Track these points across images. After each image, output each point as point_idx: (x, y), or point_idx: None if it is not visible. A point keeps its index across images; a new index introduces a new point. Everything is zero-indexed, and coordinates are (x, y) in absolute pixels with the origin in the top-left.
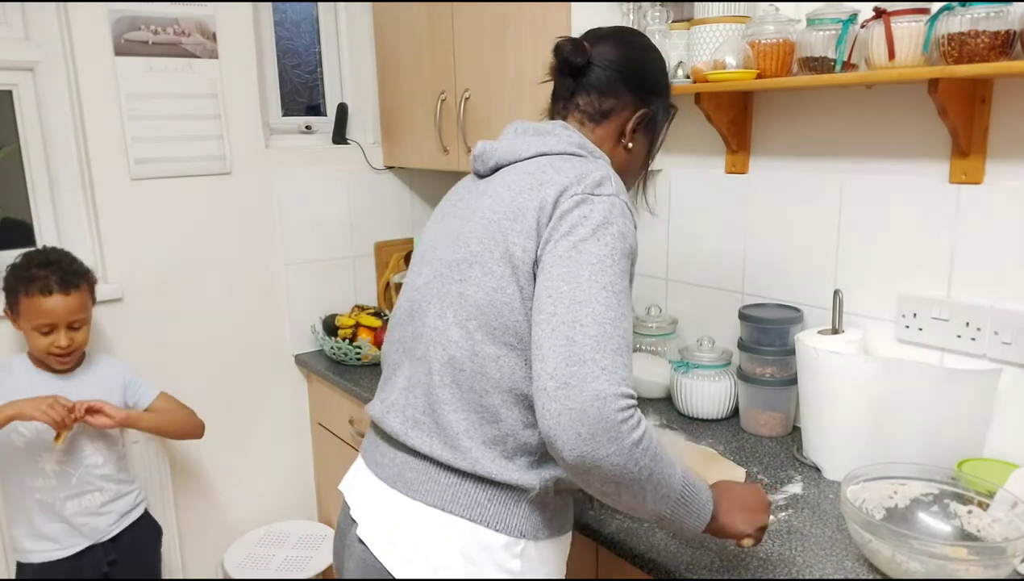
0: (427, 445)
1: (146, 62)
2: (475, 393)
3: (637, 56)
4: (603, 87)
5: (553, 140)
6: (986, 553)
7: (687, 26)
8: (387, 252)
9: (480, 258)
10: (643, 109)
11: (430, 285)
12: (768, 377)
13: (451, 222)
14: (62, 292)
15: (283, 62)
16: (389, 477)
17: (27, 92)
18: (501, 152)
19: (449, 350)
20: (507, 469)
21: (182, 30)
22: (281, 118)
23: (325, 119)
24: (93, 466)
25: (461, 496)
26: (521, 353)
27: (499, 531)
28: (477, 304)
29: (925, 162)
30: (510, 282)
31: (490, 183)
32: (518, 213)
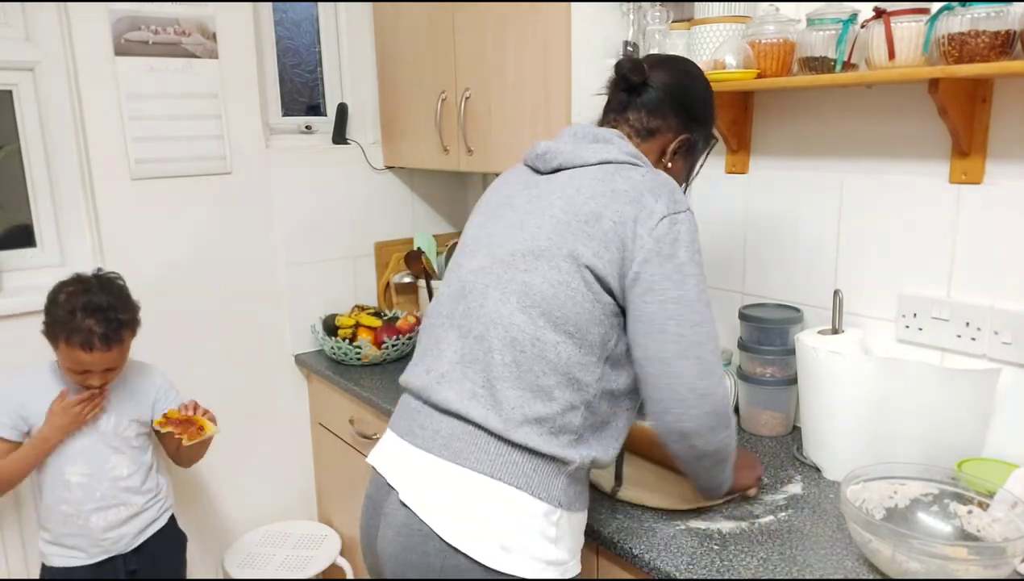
0: (483, 417)
1: (146, 62)
2: (532, 374)
3: (688, 85)
4: (653, 107)
5: (613, 149)
6: (986, 553)
7: (687, 26)
8: (387, 252)
9: (548, 253)
10: (686, 134)
11: (488, 270)
12: (768, 377)
13: (509, 213)
14: (104, 348)
15: (283, 62)
16: (434, 446)
17: (27, 92)
18: (566, 154)
19: (512, 332)
20: (552, 444)
21: (182, 30)
22: (281, 118)
23: (325, 119)
24: (119, 479)
25: (509, 465)
26: (578, 341)
27: (541, 499)
28: (543, 294)
29: (925, 162)
30: (576, 278)
31: (555, 182)
32: (591, 217)
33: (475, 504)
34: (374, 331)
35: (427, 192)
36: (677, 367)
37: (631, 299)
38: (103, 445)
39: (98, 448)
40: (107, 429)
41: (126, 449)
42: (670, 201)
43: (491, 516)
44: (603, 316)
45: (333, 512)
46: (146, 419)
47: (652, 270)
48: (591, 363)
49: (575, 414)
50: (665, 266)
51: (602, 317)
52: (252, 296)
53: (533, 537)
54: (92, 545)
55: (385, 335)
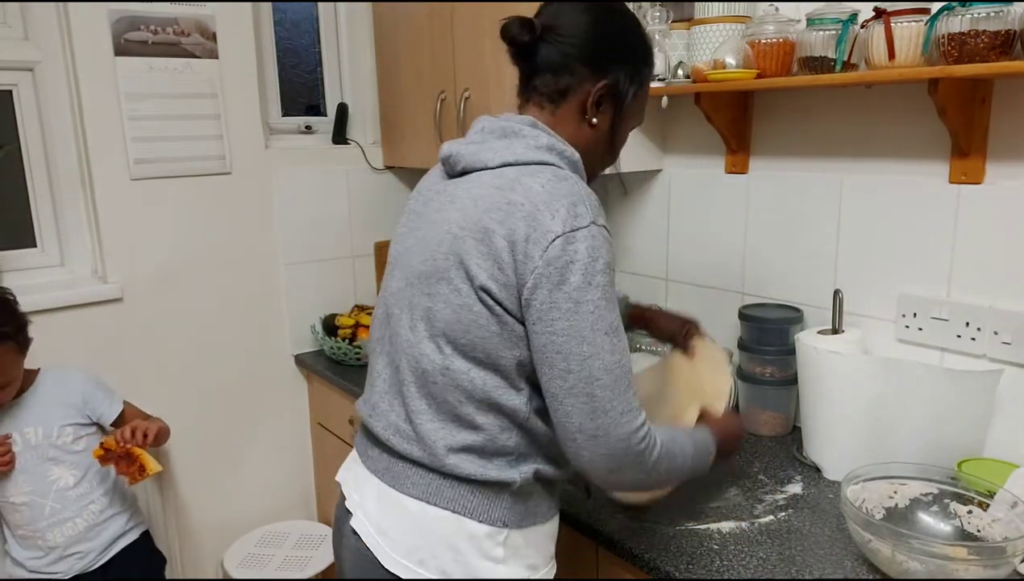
0: (408, 451)
1: (146, 62)
2: (448, 404)
3: (592, 21)
4: (556, 64)
5: (519, 145)
6: (986, 553)
7: (687, 26)
8: (387, 252)
9: (447, 274)
10: (603, 81)
11: (402, 293)
12: (768, 377)
13: (421, 226)
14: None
15: (283, 62)
16: (378, 470)
17: (27, 92)
18: (468, 157)
19: (422, 363)
20: (487, 468)
21: (182, 30)
22: (281, 118)
23: (325, 119)
24: (65, 489)
25: (445, 489)
26: (490, 368)
27: (482, 521)
28: (446, 320)
29: (925, 162)
30: (475, 301)
31: (458, 188)
32: (484, 234)
33: (414, 531)
34: None
35: None
36: (565, 405)
37: (526, 327)
38: (39, 459)
39: (34, 463)
40: (37, 441)
41: (66, 457)
42: (569, 216)
43: (431, 541)
44: (512, 338)
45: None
46: (83, 421)
47: (541, 298)
48: (513, 387)
49: (509, 435)
50: (555, 293)
51: (512, 339)
52: (252, 296)
53: (475, 560)
54: (54, 564)
55: None
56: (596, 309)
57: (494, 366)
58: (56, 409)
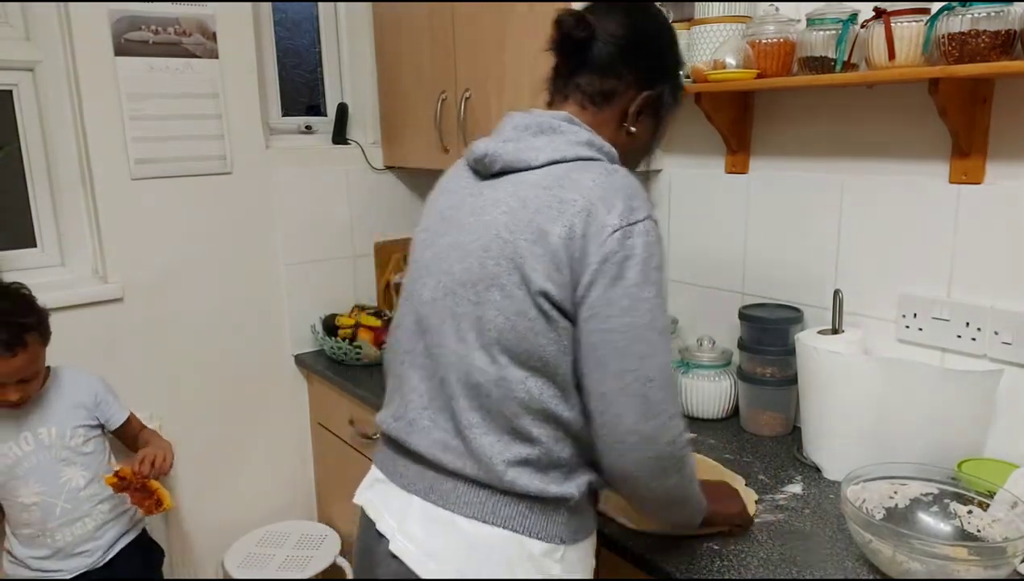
0: (460, 467)
1: (146, 62)
2: (504, 417)
3: (645, 31)
4: (605, 65)
5: (561, 142)
6: (986, 553)
7: (687, 26)
8: (387, 252)
9: (499, 280)
10: (647, 92)
11: (440, 302)
12: (768, 377)
13: (455, 231)
14: (8, 355)
15: (283, 62)
16: (420, 489)
17: (27, 92)
18: (508, 156)
19: (474, 376)
20: (544, 483)
21: (182, 30)
22: (281, 118)
23: (325, 119)
24: (77, 490)
25: (501, 508)
26: (546, 376)
27: (540, 539)
28: (499, 329)
29: (925, 162)
30: (531, 307)
31: (498, 191)
32: (538, 235)
33: (468, 551)
34: (374, 331)
35: (427, 192)
36: (618, 406)
37: (577, 325)
38: (52, 459)
39: (47, 464)
40: (51, 442)
41: (77, 458)
42: (625, 209)
43: (486, 563)
44: (569, 344)
45: (333, 512)
46: (93, 422)
47: (596, 294)
48: (568, 396)
49: (562, 447)
50: (612, 290)
51: (568, 345)
52: (252, 296)
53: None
54: (61, 561)
55: (385, 335)
56: (652, 307)
57: (551, 375)
58: (69, 410)
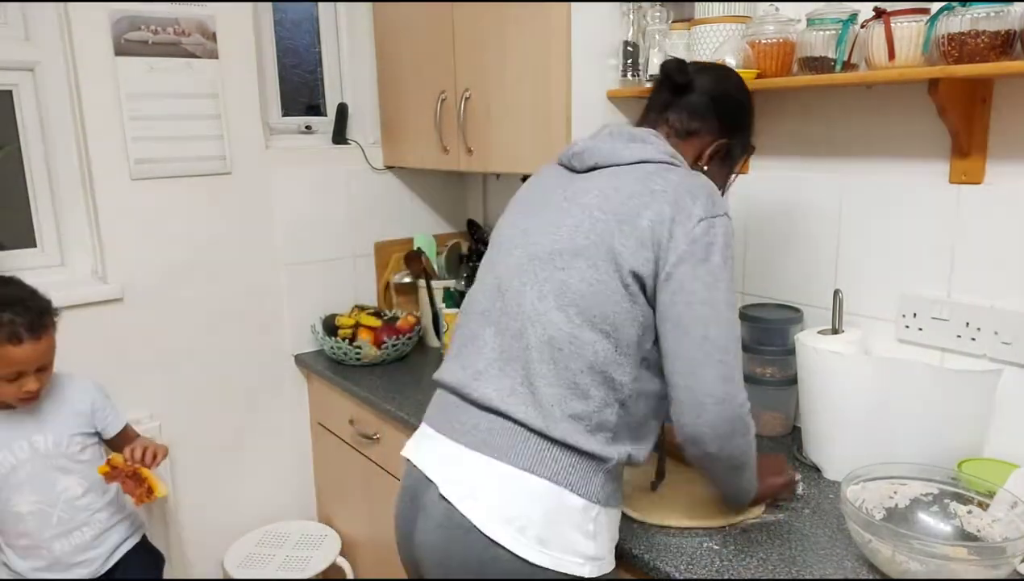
0: (523, 413)
1: (146, 62)
2: (570, 371)
3: (730, 91)
4: (695, 109)
5: (651, 148)
6: (986, 553)
7: (687, 26)
8: (387, 252)
9: (586, 252)
10: (724, 139)
11: (524, 268)
12: (768, 377)
13: (545, 211)
14: (33, 338)
15: (283, 62)
16: (473, 442)
17: (27, 92)
18: (603, 153)
19: (549, 330)
20: (591, 441)
21: (182, 30)
22: (281, 118)
23: (325, 119)
24: (74, 499)
25: (549, 461)
26: (614, 340)
27: (580, 495)
28: (580, 293)
29: (925, 162)
30: (613, 278)
31: (591, 181)
32: (629, 217)
33: (515, 498)
34: (374, 331)
35: (427, 192)
36: (698, 370)
37: (660, 298)
38: (48, 468)
39: (43, 472)
40: (47, 450)
41: (74, 467)
42: (708, 203)
43: (530, 511)
44: (640, 316)
45: (333, 512)
46: (90, 430)
47: (684, 271)
48: (627, 363)
49: (610, 411)
50: (698, 269)
51: (639, 317)
52: (252, 296)
53: (571, 532)
54: (61, 571)
55: (385, 335)
56: (729, 288)
57: (617, 340)
58: (67, 417)
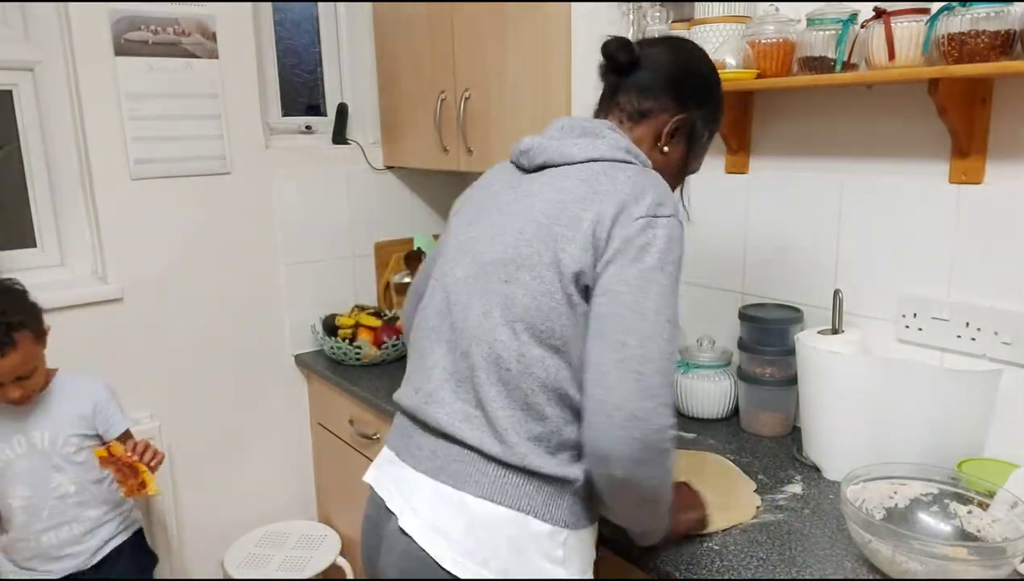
0: (478, 439)
1: (146, 62)
2: (521, 391)
3: (684, 62)
4: (645, 87)
5: (603, 144)
6: (986, 553)
7: (687, 26)
8: (387, 252)
9: (530, 262)
10: (682, 115)
11: (471, 280)
12: (768, 377)
13: (492, 216)
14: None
15: (283, 62)
16: (431, 469)
17: (27, 92)
18: (550, 152)
19: (496, 349)
20: (552, 463)
21: (182, 30)
22: (281, 118)
23: (325, 119)
24: (65, 496)
25: (509, 488)
26: (564, 356)
27: (545, 520)
28: (525, 307)
29: (925, 162)
30: (558, 289)
31: (537, 182)
32: (572, 221)
33: (475, 529)
34: (374, 331)
35: (427, 192)
36: (611, 379)
37: (591, 299)
38: (42, 464)
39: (37, 468)
40: (43, 447)
41: (67, 466)
42: (653, 203)
43: (492, 542)
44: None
45: (333, 512)
46: (89, 432)
47: (613, 271)
48: (578, 379)
49: (572, 430)
50: (627, 269)
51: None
52: (252, 296)
53: (538, 561)
54: (46, 563)
55: (385, 335)
56: (663, 293)
57: (567, 355)
58: (67, 418)
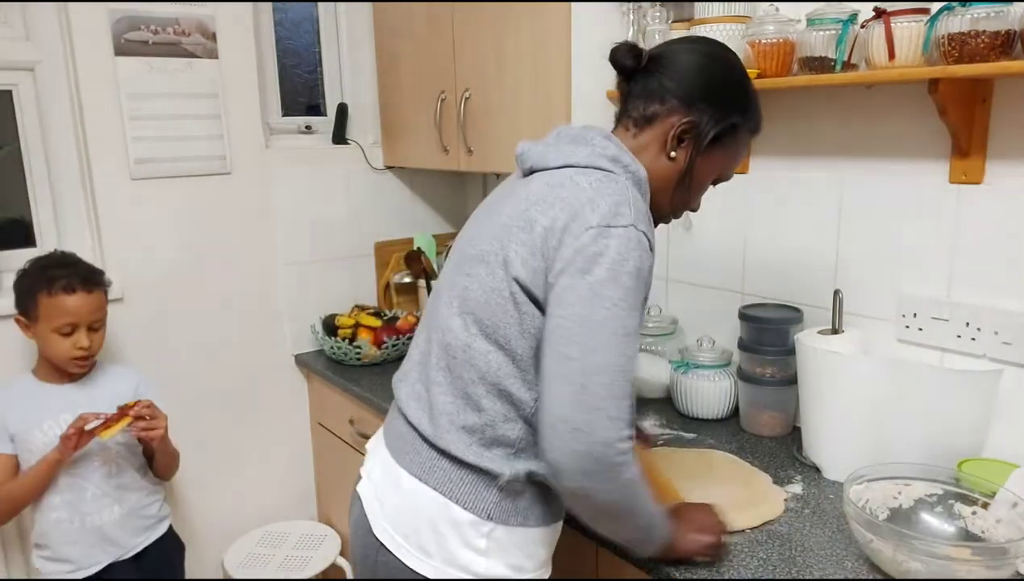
0: (418, 419)
1: (146, 62)
2: (462, 381)
3: (696, 62)
4: (650, 91)
5: (585, 151)
6: (988, 553)
7: (687, 26)
8: (387, 252)
9: (486, 258)
10: (687, 117)
11: (449, 274)
12: (768, 377)
13: (483, 216)
14: (85, 290)
15: (283, 62)
16: (388, 441)
17: (27, 92)
18: (535, 157)
19: (447, 337)
20: (480, 456)
21: (182, 30)
22: (281, 118)
23: (325, 119)
24: (108, 476)
25: (437, 471)
26: (508, 353)
27: (467, 509)
28: (476, 301)
29: (925, 162)
30: (505, 286)
31: (520, 185)
32: (528, 223)
33: (406, 505)
34: (374, 331)
35: (427, 192)
36: (554, 389)
37: (545, 310)
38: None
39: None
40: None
41: (111, 445)
42: (609, 213)
43: (417, 518)
44: (532, 329)
45: (333, 512)
46: None
47: (563, 282)
48: (526, 378)
49: (511, 427)
50: (577, 280)
51: (530, 329)
52: (252, 296)
53: (455, 546)
54: (85, 555)
55: (385, 335)
56: (614, 306)
57: (511, 352)
58: (109, 398)
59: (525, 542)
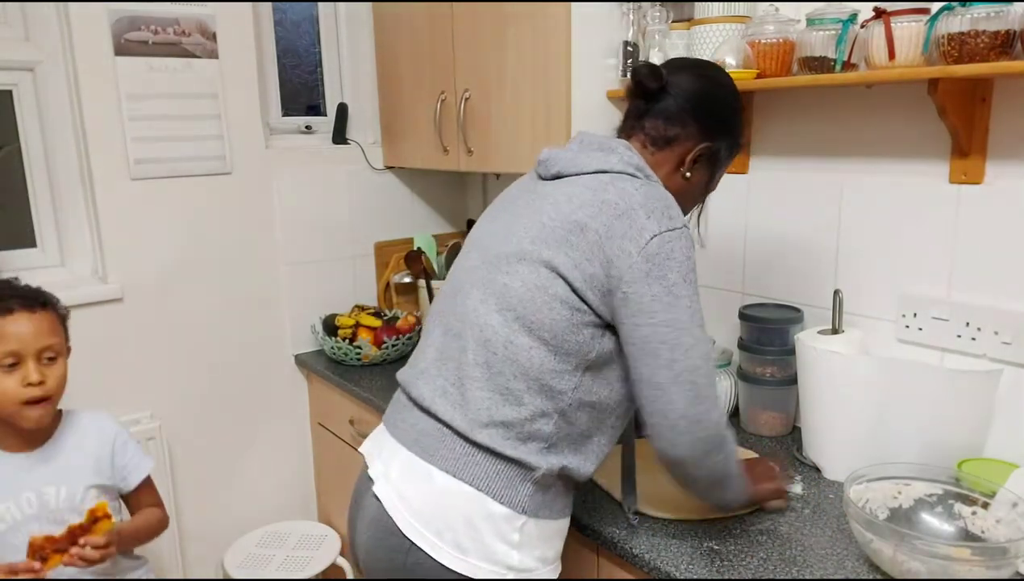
0: (449, 415)
1: (146, 62)
2: (503, 376)
3: (712, 90)
4: (671, 114)
5: (615, 158)
6: (988, 553)
7: (687, 26)
8: (387, 252)
9: (530, 257)
10: (707, 143)
11: (476, 270)
12: (768, 377)
13: (505, 217)
14: (26, 309)
15: (283, 62)
16: (408, 440)
17: (27, 92)
18: (565, 162)
19: (486, 333)
20: (518, 449)
21: (182, 30)
22: (281, 118)
23: (325, 119)
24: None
25: (472, 465)
26: (553, 348)
27: (502, 503)
28: (519, 298)
29: (925, 162)
30: (554, 285)
31: (550, 189)
32: (576, 227)
33: (436, 502)
34: (374, 331)
35: (427, 192)
36: (670, 393)
37: (621, 320)
38: (53, 523)
39: (48, 529)
40: (57, 504)
41: None
42: (663, 218)
43: (450, 515)
44: (581, 325)
45: (333, 512)
46: (108, 483)
47: (642, 291)
48: (566, 371)
49: (547, 421)
50: (655, 287)
51: (580, 326)
52: (252, 296)
53: (491, 540)
54: None
55: (385, 335)
56: (691, 303)
57: (556, 347)
58: (84, 465)
59: (551, 535)
